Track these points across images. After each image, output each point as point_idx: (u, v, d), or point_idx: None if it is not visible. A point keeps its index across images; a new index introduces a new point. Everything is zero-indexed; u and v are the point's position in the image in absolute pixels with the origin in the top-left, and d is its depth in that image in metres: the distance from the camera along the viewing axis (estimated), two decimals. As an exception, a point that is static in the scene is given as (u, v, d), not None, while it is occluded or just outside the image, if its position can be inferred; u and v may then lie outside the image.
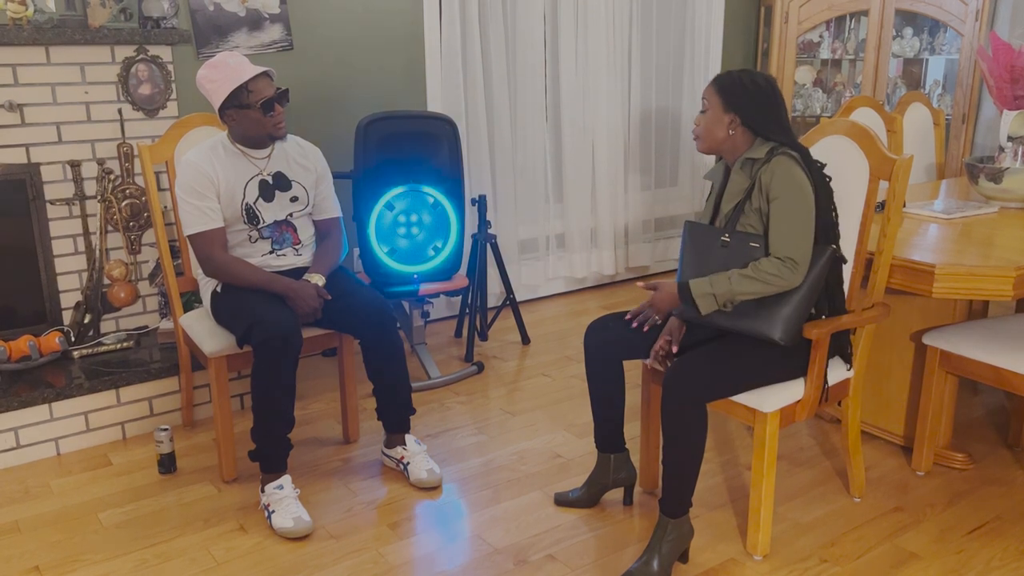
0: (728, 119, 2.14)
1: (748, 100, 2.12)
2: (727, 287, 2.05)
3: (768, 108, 2.13)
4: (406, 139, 3.24)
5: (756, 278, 2.03)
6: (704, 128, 2.18)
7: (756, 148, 2.14)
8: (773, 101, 2.14)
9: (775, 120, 2.13)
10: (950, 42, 4.68)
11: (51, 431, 2.82)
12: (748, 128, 2.14)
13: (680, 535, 2.10)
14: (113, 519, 2.45)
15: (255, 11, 3.36)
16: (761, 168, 2.09)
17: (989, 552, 2.22)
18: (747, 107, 2.12)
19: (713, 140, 2.17)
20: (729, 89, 2.14)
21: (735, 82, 2.14)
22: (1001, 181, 2.88)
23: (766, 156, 2.10)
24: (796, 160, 2.09)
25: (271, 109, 2.48)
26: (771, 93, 2.14)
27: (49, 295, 3.10)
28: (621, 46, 4.46)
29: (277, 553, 2.26)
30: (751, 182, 2.12)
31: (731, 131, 2.14)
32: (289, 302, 2.50)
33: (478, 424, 3.04)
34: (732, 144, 2.16)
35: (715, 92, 2.16)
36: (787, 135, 2.13)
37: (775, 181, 2.06)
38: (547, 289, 4.56)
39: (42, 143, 2.99)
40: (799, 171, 2.07)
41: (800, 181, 2.06)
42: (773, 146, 2.11)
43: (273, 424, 2.42)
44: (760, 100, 2.13)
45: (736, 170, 2.16)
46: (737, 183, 2.16)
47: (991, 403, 3.11)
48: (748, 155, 2.14)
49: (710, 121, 2.16)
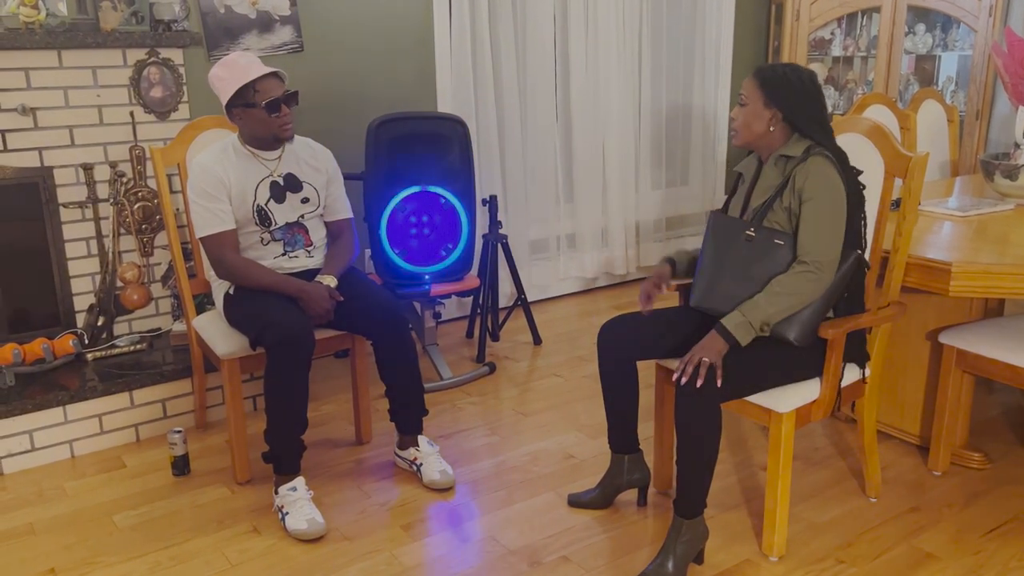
0: (769, 114, 2.10)
1: (792, 96, 2.08)
2: (759, 311, 2.00)
3: (811, 106, 2.09)
4: (417, 140, 3.24)
5: (785, 293, 2.00)
6: (742, 122, 2.14)
7: (792, 145, 2.11)
8: (816, 100, 2.10)
9: (817, 120, 2.09)
10: (963, 38, 4.64)
11: (65, 433, 2.83)
12: (788, 124, 2.11)
13: (695, 536, 2.09)
14: (127, 521, 2.45)
15: (266, 13, 3.37)
16: (796, 167, 2.07)
17: (1007, 553, 2.19)
18: (790, 104, 2.08)
19: (751, 135, 2.14)
20: (772, 83, 2.09)
21: (779, 77, 2.09)
22: (1017, 178, 2.86)
23: (802, 155, 2.07)
24: (832, 162, 2.06)
25: (276, 110, 2.48)
26: (815, 91, 2.10)
27: (62, 298, 3.12)
28: (631, 44, 4.45)
29: (291, 555, 2.26)
30: (784, 179, 2.09)
31: (771, 127, 2.11)
32: (301, 304, 2.50)
33: (490, 425, 3.03)
34: (769, 140, 2.13)
35: (757, 86, 2.10)
36: (827, 136, 2.10)
37: (809, 182, 2.03)
38: (558, 289, 4.55)
39: (55, 146, 3.00)
40: (835, 174, 2.05)
41: (835, 184, 2.04)
42: (810, 145, 2.08)
43: (286, 426, 2.42)
44: (804, 98, 2.09)
45: (770, 165, 2.14)
46: (769, 178, 2.14)
47: (1007, 402, 3.09)
48: (783, 152, 2.11)
49: (749, 115, 2.12)
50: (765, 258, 2.08)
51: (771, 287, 2.03)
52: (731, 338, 1.99)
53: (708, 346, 1.99)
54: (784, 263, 2.06)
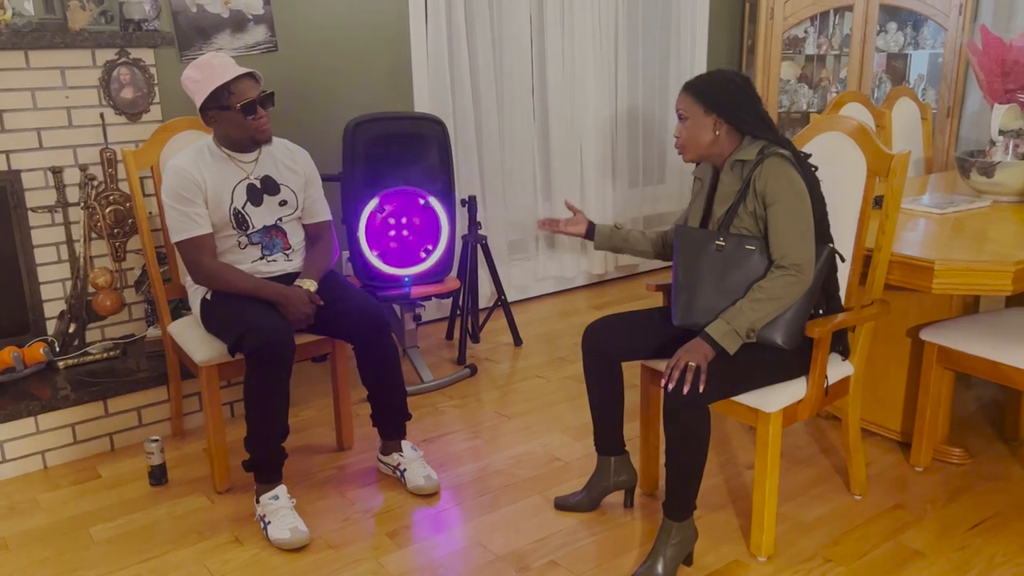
0: (712, 120, 2.10)
1: (729, 97, 2.10)
2: (743, 318, 1.99)
3: (749, 104, 2.11)
4: (395, 140, 3.20)
5: (767, 298, 2.00)
6: (687, 136, 2.13)
7: (745, 149, 2.10)
8: (752, 96, 2.12)
9: (755, 114, 2.11)
10: (933, 36, 4.69)
11: (37, 444, 2.76)
12: (733, 126, 2.11)
13: (684, 538, 2.08)
14: (104, 534, 2.39)
15: (239, 12, 3.31)
16: (753, 170, 2.06)
17: (992, 548, 2.21)
18: (730, 105, 2.09)
19: (699, 146, 2.13)
20: (706, 91, 2.11)
21: (713, 83, 2.12)
22: (993, 175, 2.88)
23: (757, 157, 2.07)
24: (788, 159, 2.06)
25: (252, 112, 2.43)
26: (748, 88, 2.13)
27: (32, 305, 3.04)
28: (607, 44, 4.44)
29: (274, 565, 2.22)
30: (743, 184, 2.08)
31: (716, 132, 2.11)
32: (281, 308, 2.45)
33: (473, 428, 3.01)
34: (719, 147, 2.13)
35: (692, 97, 2.12)
36: (771, 130, 2.11)
37: (770, 185, 2.03)
38: (537, 289, 4.54)
39: (22, 150, 2.92)
40: (793, 172, 2.05)
41: (795, 183, 2.04)
42: (763, 145, 2.08)
43: (267, 433, 2.37)
44: (741, 97, 2.11)
45: (726, 171, 2.13)
46: (728, 185, 2.13)
47: (984, 397, 3.12)
48: (737, 156, 2.11)
49: (692, 127, 2.12)
50: (739, 265, 2.07)
51: (753, 293, 2.02)
52: (717, 346, 1.98)
53: (694, 349, 1.98)
54: (759, 267, 2.05)
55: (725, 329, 1.99)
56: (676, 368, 1.96)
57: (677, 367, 1.96)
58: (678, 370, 1.95)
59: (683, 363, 1.96)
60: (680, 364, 1.96)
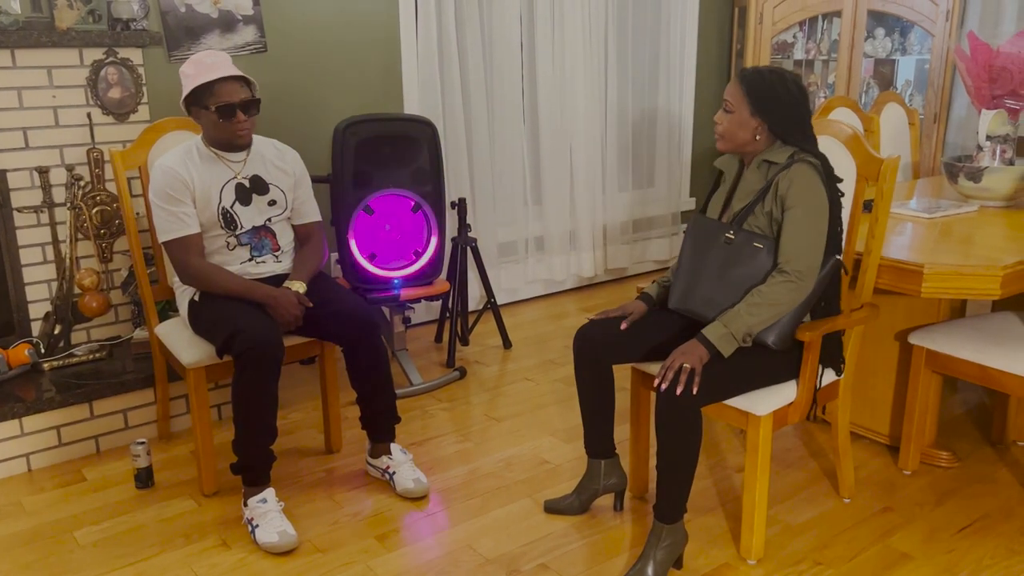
0: (755, 124, 2.07)
1: (780, 109, 2.05)
2: (740, 322, 1.99)
3: (797, 116, 2.07)
4: (385, 142, 3.19)
5: (765, 303, 2.00)
6: (727, 129, 2.10)
7: (776, 151, 2.09)
8: (803, 108, 2.07)
9: (802, 128, 2.08)
10: (920, 42, 4.72)
11: (21, 447, 2.73)
12: (773, 134, 2.09)
13: (675, 541, 2.08)
14: (89, 537, 2.37)
15: (228, 12, 3.29)
16: (780, 172, 2.05)
17: (980, 551, 2.22)
18: (778, 115, 2.06)
19: (735, 142, 2.11)
20: (760, 93, 2.05)
21: (767, 87, 2.05)
22: (981, 180, 2.90)
23: (786, 161, 2.06)
24: (817, 170, 2.05)
25: (231, 115, 2.41)
26: (802, 99, 2.07)
27: (17, 306, 3.00)
28: (597, 47, 4.45)
29: (262, 569, 2.20)
30: (766, 184, 2.08)
31: (756, 136, 2.09)
32: (269, 310, 2.44)
33: (462, 431, 3.00)
34: (753, 147, 2.11)
35: (743, 93, 2.06)
36: (811, 142, 2.09)
37: (793, 190, 2.02)
38: (526, 292, 4.53)
39: (8, 149, 2.89)
40: (818, 182, 2.04)
41: (818, 193, 2.03)
42: (794, 151, 2.07)
43: (256, 436, 2.35)
44: (792, 109, 2.06)
45: (752, 169, 2.13)
46: (751, 182, 2.13)
47: (970, 400, 3.14)
48: (766, 157, 2.10)
49: (735, 124, 2.09)
50: (743, 261, 2.07)
51: (751, 297, 2.02)
52: (713, 349, 1.98)
53: (689, 351, 1.97)
54: (762, 267, 2.06)
55: (722, 332, 1.99)
56: (670, 369, 1.96)
57: (671, 368, 1.96)
58: (672, 371, 1.95)
59: (678, 364, 1.96)
60: (675, 365, 1.96)
